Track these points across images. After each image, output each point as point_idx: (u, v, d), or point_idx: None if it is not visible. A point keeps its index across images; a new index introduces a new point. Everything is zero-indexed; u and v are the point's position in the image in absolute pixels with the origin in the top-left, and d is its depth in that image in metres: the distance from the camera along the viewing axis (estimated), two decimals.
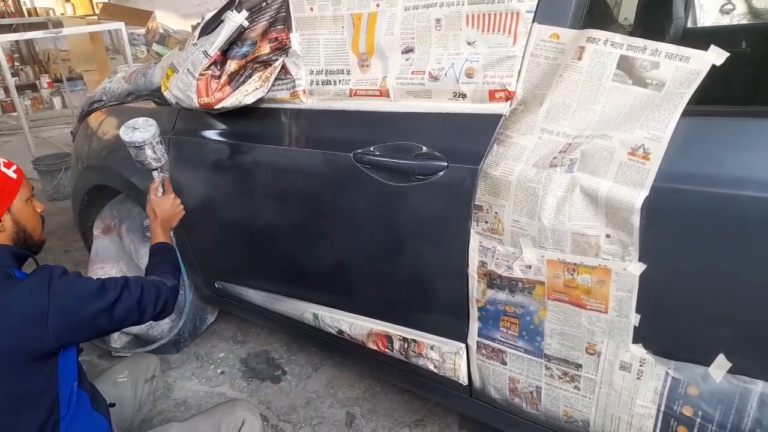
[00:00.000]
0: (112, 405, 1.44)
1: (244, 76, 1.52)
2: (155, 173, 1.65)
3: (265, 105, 1.59)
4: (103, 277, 1.29)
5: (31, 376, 1.15)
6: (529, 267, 1.17)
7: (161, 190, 1.66)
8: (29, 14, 9.86)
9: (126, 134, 1.59)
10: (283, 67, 1.52)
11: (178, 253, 1.61)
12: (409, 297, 1.47)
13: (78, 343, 1.28)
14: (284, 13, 1.47)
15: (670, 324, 1.07)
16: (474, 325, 1.34)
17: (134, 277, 1.35)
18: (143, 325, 2.09)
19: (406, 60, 1.31)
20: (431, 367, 1.46)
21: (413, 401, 1.97)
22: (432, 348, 1.45)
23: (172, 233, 1.67)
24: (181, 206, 1.66)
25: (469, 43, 1.21)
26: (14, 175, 1.28)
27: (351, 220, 1.50)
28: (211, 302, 2.26)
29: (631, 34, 1.82)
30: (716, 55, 0.96)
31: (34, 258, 1.36)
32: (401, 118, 1.35)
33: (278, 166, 1.61)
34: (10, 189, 1.26)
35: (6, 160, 1.29)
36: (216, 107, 1.53)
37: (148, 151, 1.61)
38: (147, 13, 6.71)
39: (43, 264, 1.26)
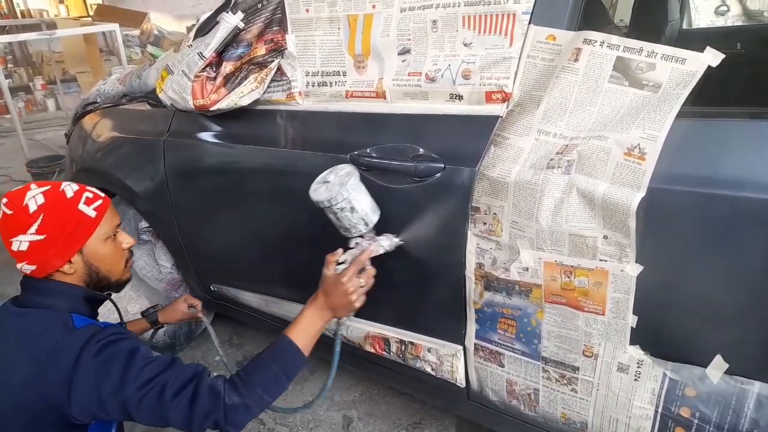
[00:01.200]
0: None
1: (239, 78, 1.52)
2: (351, 242, 1.30)
3: (260, 107, 1.58)
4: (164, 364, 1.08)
5: None
6: (527, 269, 1.16)
7: (342, 266, 1.26)
8: (23, 15, 9.82)
9: (313, 186, 1.28)
10: (279, 68, 1.51)
11: (302, 362, 1.20)
12: (406, 299, 1.47)
13: (101, 419, 1.10)
14: (280, 15, 1.47)
15: (668, 325, 1.07)
16: (471, 328, 1.33)
17: (195, 375, 1.08)
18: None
19: (403, 61, 1.31)
20: (428, 369, 1.46)
21: (410, 404, 1.97)
22: (429, 350, 1.44)
23: (340, 329, 1.30)
24: (355, 296, 1.23)
25: (465, 45, 1.21)
26: (93, 213, 1.16)
27: None
28: (207, 305, 2.24)
29: (627, 35, 1.82)
30: (712, 57, 0.96)
31: (112, 301, 1.25)
32: (398, 119, 1.34)
33: (274, 168, 1.60)
34: (85, 229, 1.14)
35: (92, 194, 1.18)
36: (211, 109, 1.53)
37: (331, 217, 1.27)
38: (141, 14, 6.69)
39: (98, 322, 1.15)
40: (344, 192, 1.21)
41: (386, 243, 1.30)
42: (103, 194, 1.22)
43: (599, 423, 1.20)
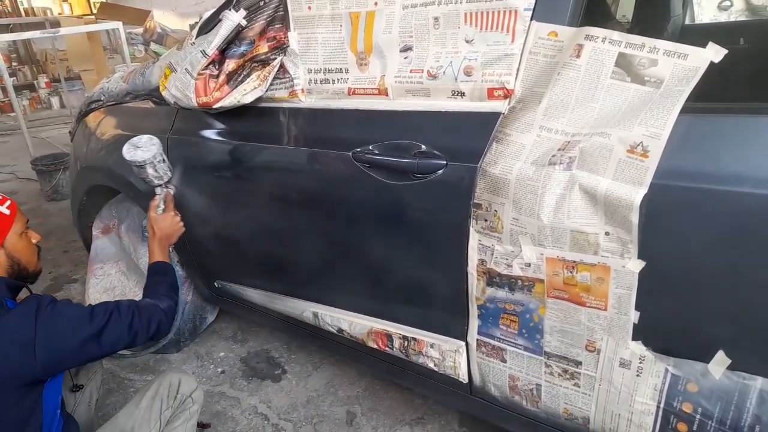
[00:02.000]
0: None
1: (242, 76, 1.52)
2: (157, 190, 1.71)
3: (263, 104, 1.59)
4: (93, 303, 1.30)
5: (16, 402, 1.17)
6: (529, 265, 1.17)
7: (162, 206, 1.69)
8: (26, 14, 9.86)
9: (128, 153, 1.65)
10: (282, 66, 1.52)
11: (175, 272, 1.61)
12: (408, 295, 1.48)
13: (66, 369, 1.30)
14: (282, 12, 1.47)
15: (670, 321, 1.07)
16: (474, 323, 1.34)
17: (126, 301, 1.36)
18: None
19: (405, 58, 1.31)
20: (431, 365, 1.47)
21: (413, 399, 1.97)
22: (432, 346, 1.45)
23: (172, 249, 1.69)
24: (181, 223, 1.70)
25: (467, 41, 1.21)
26: (7, 211, 1.31)
27: (350, 218, 1.50)
28: (211, 302, 2.25)
29: (629, 31, 1.81)
30: (714, 52, 0.96)
31: (29, 288, 1.37)
32: (400, 116, 1.35)
33: (277, 166, 1.61)
34: (4, 225, 1.29)
35: (1, 197, 1.34)
36: (214, 107, 1.53)
37: (149, 170, 1.67)
38: (144, 12, 6.70)
39: (34, 293, 1.29)
40: (160, 148, 1.68)
41: (173, 187, 1.77)
42: (9, 198, 1.37)
43: (601, 418, 1.20)
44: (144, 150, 1.65)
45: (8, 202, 1.34)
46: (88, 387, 1.61)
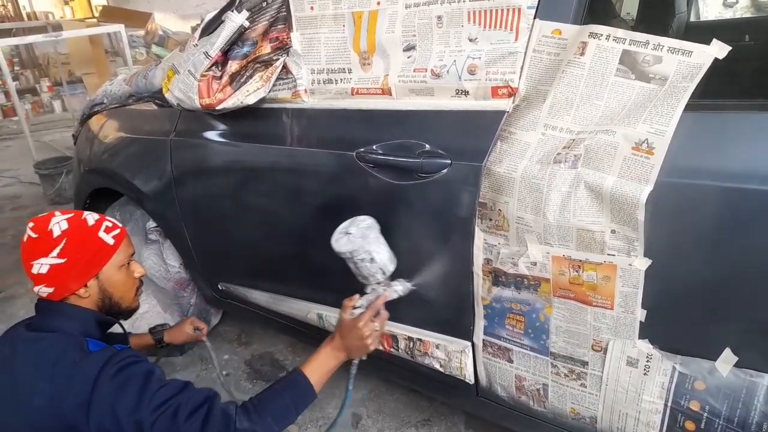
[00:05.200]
0: None
1: (245, 77, 1.52)
2: (368, 288, 1.37)
3: (266, 105, 1.58)
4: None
5: None
6: (535, 264, 1.16)
7: (361, 310, 1.33)
8: (29, 18, 9.87)
9: (334, 237, 1.34)
10: (284, 66, 1.51)
11: (309, 401, 1.25)
12: (414, 296, 1.47)
13: None
14: (285, 13, 1.47)
15: (677, 319, 1.07)
16: (480, 323, 1.33)
17: (224, 405, 1.13)
18: None
19: (408, 58, 1.31)
20: (437, 366, 1.46)
21: (419, 401, 1.97)
22: (438, 347, 1.44)
23: (353, 368, 1.37)
24: (370, 340, 1.30)
25: (470, 40, 1.21)
26: (111, 241, 1.23)
27: None
28: (215, 304, 2.25)
29: (633, 29, 1.81)
30: (718, 49, 0.96)
31: (121, 325, 1.30)
32: (404, 116, 1.34)
33: (280, 166, 1.61)
34: (102, 256, 1.21)
35: (111, 224, 1.25)
36: (217, 108, 1.53)
37: (351, 266, 1.34)
38: (146, 15, 6.71)
39: (113, 345, 1.18)
40: (366, 245, 1.28)
41: (400, 288, 1.37)
42: (120, 225, 1.29)
43: (608, 418, 1.20)
44: (350, 239, 1.31)
45: (117, 231, 1.25)
46: None
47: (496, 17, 1.16)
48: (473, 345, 1.38)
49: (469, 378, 1.42)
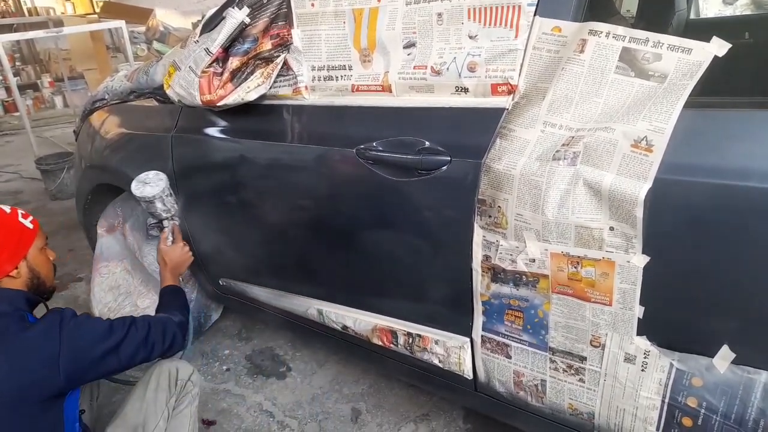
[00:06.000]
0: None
1: (246, 73, 1.52)
2: (165, 222, 1.79)
3: (267, 102, 1.59)
4: (111, 317, 1.37)
5: (38, 416, 1.18)
6: (533, 260, 1.17)
7: (171, 238, 1.77)
8: (30, 14, 9.85)
9: (137, 189, 1.71)
10: (285, 63, 1.52)
11: (185, 293, 1.67)
12: (413, 292, 1.48)
13: (86, 382, 1.33)
14: (285, 10, 1.47)
15: (675, 316, 1.07)
16: (478, 319, 1.34)
17: (141, 315, 1.41)
18: None
19: (408, 55, 1.31)
20: (436, 361, 1.47)
21: (418, 396, 1.98)
22: (437, 342, 1.45)
23: (181, 277, 1.78)
24: (189, 253, 1.78)
25: (470, 37, 1.21)
26: (31, 225, 1.37)
27: (354, 215, 1.50)
28: (216, 299, 2.26)
29: (633, 26, 1.81)
30: (718, 47, 0.96)
31: (45, 304, 1.40)
32: (404, 113, 1.35)
33: (281, 163, 1.61)
34: (27, 238, 1.34)
35: (24, 212, 1.39)
36: (218, 104, 1.54)
37: (158, 204, 1.73)
38: (147, 10, 6.70)
39: (54, 307, 1.31)
40: (166, 187, 1.73)
41: (177, 211, 1.80)
42: (31, 215, 1.41)
43: (606, 413, 1.20)
44: (152, 186, 1.71)
45: (31, 218, 1.39)
46: (88, 386, 1.61)
47: (496, 14, 1.16)
48: (472, 341, 1.38)
49: (468, 373, 1.43)
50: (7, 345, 1.17)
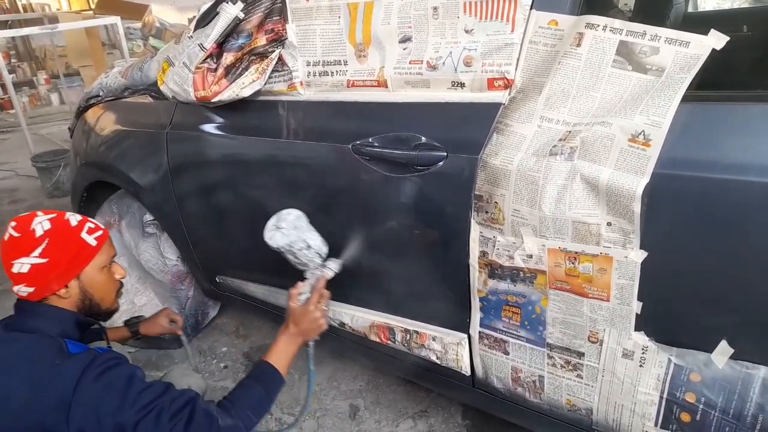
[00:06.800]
0: None
1: (240, 69, 1.51)
2: (307, 273, 1.44)
3: (262, 97, 1.58)
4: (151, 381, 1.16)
5: None
6: (530, 256, 1.16)
7: (306, 295, 1.40)
8: (24, 10, 9.81)
9: (268, 233, 1.41)
10: (280, 58, 1.50)
11: (278, 388, 1.32)
12: (410, 288, 1.47)
13: None
14: (280, 4, 1.46)
15: (672, 311, 1.07)
16: (476, 316, 1.34)
17: (187, 398, 1.14)
18: None
19: (404, 49, 1.30)
20: (433, 358, 1.46)
21: (416, 392, 1.98)
22: (434, 339, 1.45)
23: (311, 348, 1.46)
24: (323, 320, 1.40)
25: (466, 31, 1.20)
26: (94, 242, 1.23)
27: (350, 211, 1.49)
28: (213, 297, 2.26)
29: (630, 19, 1.80)
30: (716, 40, 0.95)
31: (101, 326, 1.30)
32: (400, 108, 1.34)
33: (276, 159, 1.60)
34: (84, 256, 1.22)
35: (94, 225, 1.26)
36: (213, 100, 1.53)
37: (290, 257, 1.42)
38: (143, 6, 6.67)
39: (94, 347, 1.19)
40: (301, 234, 1.39)
41: (334, 266, 1.44)
42: (103, 227, 1.29)
43: (604, 409, 1.20)
44: (284, 233, 1.38)
45: (99, 233, 1.26)
46: None
47: (492, 8, 1.15)
48: (469, 337, 1.38)
49: (466, 370, 1.42)
50: (33, 372, 1.07)
